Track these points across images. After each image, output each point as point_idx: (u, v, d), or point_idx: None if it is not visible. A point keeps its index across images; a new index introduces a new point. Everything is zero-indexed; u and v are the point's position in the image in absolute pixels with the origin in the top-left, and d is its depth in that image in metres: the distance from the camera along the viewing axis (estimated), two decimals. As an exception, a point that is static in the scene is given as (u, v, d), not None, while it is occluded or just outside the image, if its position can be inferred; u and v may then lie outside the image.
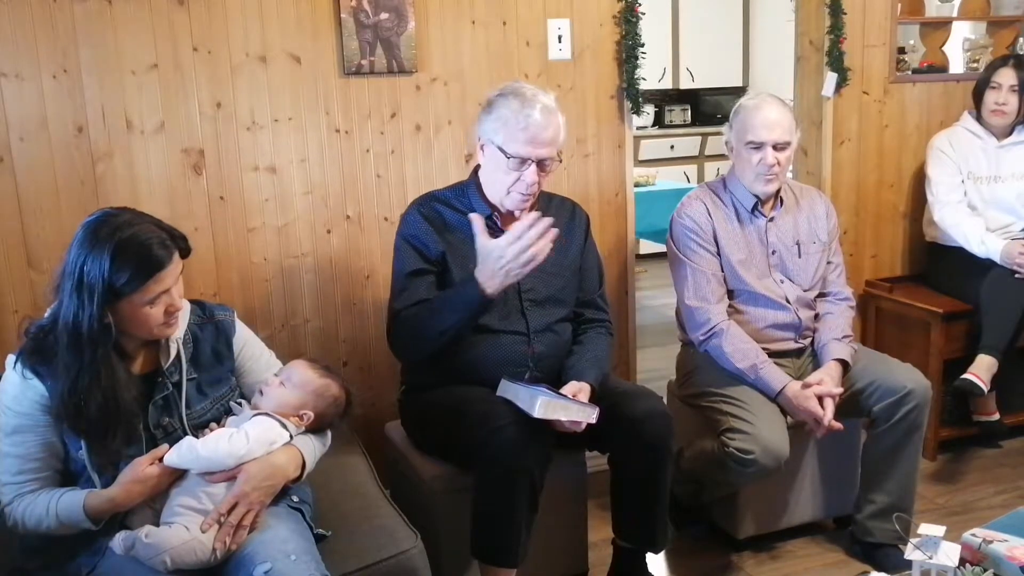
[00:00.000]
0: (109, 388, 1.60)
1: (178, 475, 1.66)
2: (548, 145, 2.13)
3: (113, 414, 1.61)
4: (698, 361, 2.54)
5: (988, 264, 3.01)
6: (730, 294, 2.52)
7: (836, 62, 3.15)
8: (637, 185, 3.89)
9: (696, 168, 6.89)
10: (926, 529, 1.71)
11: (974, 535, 1.73)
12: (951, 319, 3.05)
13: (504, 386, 2.10)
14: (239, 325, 1.91)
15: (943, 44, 3.55)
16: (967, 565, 1.67)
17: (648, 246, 5.96)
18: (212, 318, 1.87)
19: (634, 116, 2.93)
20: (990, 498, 2.91)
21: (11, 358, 1.66)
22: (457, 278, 2.18)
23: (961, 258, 3.11)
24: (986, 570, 1.65)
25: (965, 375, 2.84)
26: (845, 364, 2.46)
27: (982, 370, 2.84)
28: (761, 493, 2.53)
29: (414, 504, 2.14)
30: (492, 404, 2.04)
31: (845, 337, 2.51)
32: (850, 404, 2.44)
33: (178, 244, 1.67)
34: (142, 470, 1.61)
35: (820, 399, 2.34)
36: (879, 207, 3.40)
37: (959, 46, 3.61)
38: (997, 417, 3.15)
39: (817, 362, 2.51)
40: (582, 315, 2.36)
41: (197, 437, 1.69)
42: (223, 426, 1.76)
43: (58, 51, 2.31)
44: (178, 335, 1.76)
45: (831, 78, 3.17)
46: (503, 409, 2.00)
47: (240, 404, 1.85)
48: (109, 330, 1.59)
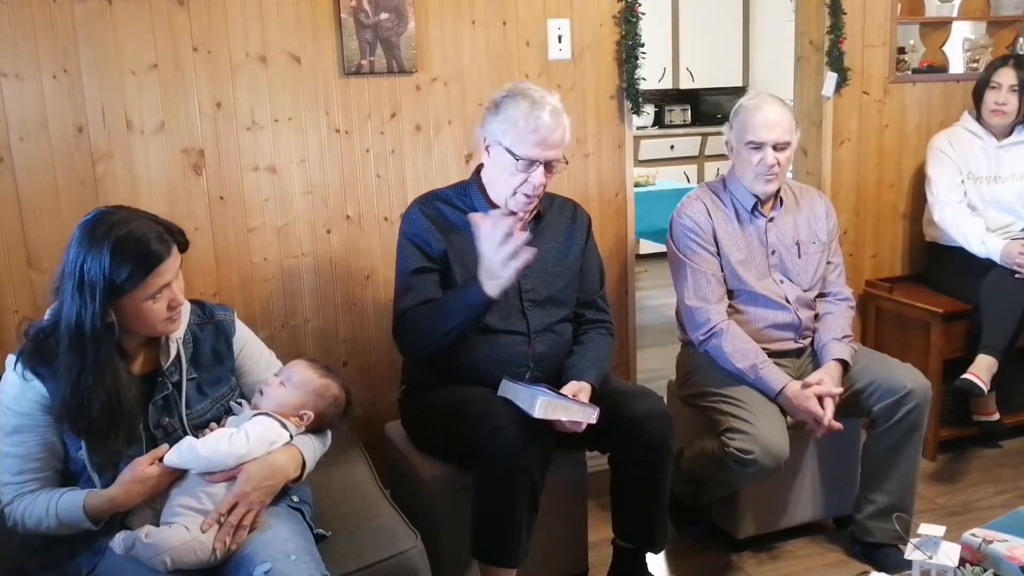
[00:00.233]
0: (112, 388, 1.60)
1: (178, 475, 1.66)
2: (556, 147, 2.13)
3: (116, 414, 1.61)
4: (698, 361, 2.54)
5: (988, 264, 3.01)
6: (730, 294, 2.52)
7: (836, 62, 3.15)
8: (637, 185, 3.89)
9: (696, 168, 6.89)
10: (926, 529, 1.72)
11: (974, 535, 1.73)
12: (951, 319, 3.05)
13: (504, 386, 2.11)
14: (239, 325, 1.91)
15: (943, 44, 3.55)
16: (967, 565, 1.67)
17: (648, 246, 5.97)
18: (212, 318, 1.87)
19: (634, 116, 2.94)
20: (990, 498, 2.91)
21: (11, 358, 1.66)
22: (459, 277, 2.18)
23: (961, 258, 3.11)
24: (986, 570, 1.65)
25: (965, 375, 2.84)
26: (845, 364, 2.46)
27: (982, 370, 2.84)
28: (761, 493, 2.53)
29: (414, 504, 2.14)
30: (492, 404, 2.04)
31: (845, 337, 2.51)
32: (850, 404, 2.44)
33: (176, 238, 1.67)
34: (142, 470, 1.62)
35: (820, 399, 2.34)
36: (879, 207, 3.40)
37: (959, 46, 3.62)
38: (997, 417, 3.15)
39: (817, 362, 2.51)
40: (583, 315, 2.36)
41: (197, 437, 1.69)
42: (223, 426, 1.76)
43: (58, 51, 2.31)
44: (178, 335, 1.77)
45: (831, 78, 3.17)
46: (503, 409, 2.01)
47: (240, 404, 1.85)
48: (112, 329, 1.59)
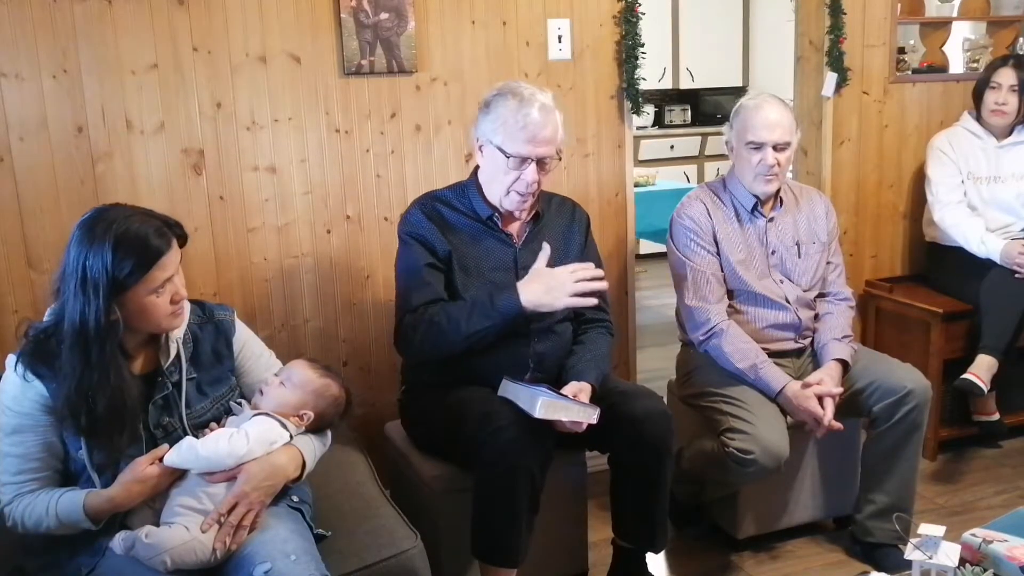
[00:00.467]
0: (117, 385, 1.60)
1: (178, 475, 1.66)
2: (547, 143, 2.13)
3: (121, 411, 1.61)
4: (698, 361, 2.54)
5: (988, 264, 3.01)
6: (730, 294, 2.52)
7: (836, 62, 3.15)
8: (637, 185, 3.89)
9: (696, 168, 6.90)
10: (926, 529, 1.72)
11: (974, 535, 1.73)
12: (951, 319, 3.05)
13: (505, 386, 2.10)
14: (239, 325, 1.91)
15: (943, 44, 3.55)
16: (967, 565, 1.67)
17: (648, 246, 5.97)
18: (212, 318, 1.86)
19: (634, 116, 2.93)
20: (990, 498, 2.92)
21: (11, 359, 1.66)
22: (459, 280, 2.17)
23: (961, 258, 3.11)
24: (986, 570, 1.65)
25: (965, 375, 2.84)
26: (845, 364, 2.46)
27: (982, 370, 2.84)
28: (761, 493, 2.53)
29: (414, 504, 2.14)
30: (493, 404, 2.04)
31: (845, 337, 2.51)
32: (850, 404, 2.44)
33: (174, 231, 1.67)
34: (142, 470, 1.62)
35: (820, 399, 2.34)
36: (879, 207, 3.40)
37: (959, 46, 3.61)
38: (997, 417, 3.15)
39: (817, 362, 2.51)
40: (582, 315, 2.35)
41: (197, 437, 1.69)
42: (223, 426, 1.76)
43: (58, 51, 2.31)
44: (178, 335, 1.77)
45: (831, 78, 3.16)
46: (504, 409, 2.00)
47: (240, 404, 1.85)
48: (116, 326, 1.59)
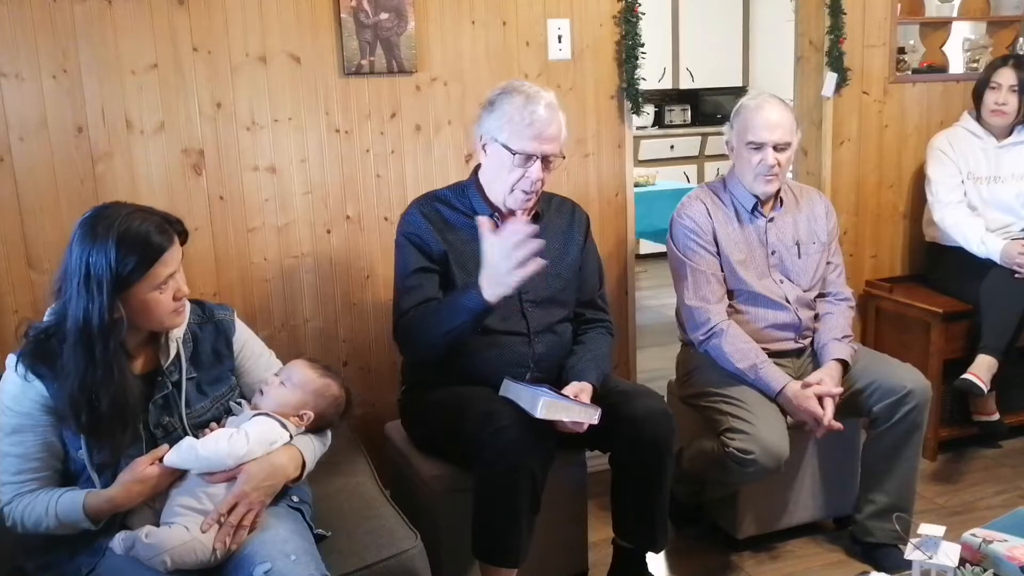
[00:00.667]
0: (120, 383, 1.60)
1: (178, 475, 1.66)
2: (553, 141, 2.13)
3: (124, 409, 1.61)
4: (698, 361, 2.54)
5: (988, 264, 3.01)
6: (730, 294, 2.52)
7: (836, 62, 3.15)
8: (637, 185, 3.89)
9: (696, 168, 6.90)
10: (926, 529, 1.71)
11: (974, 535, 1.73)
12: (951, 319, 3.05)
13: (506, 386, 2.10)
14: (239, 324, 1.91)
15: (943, 44, 3.54)
16: (967, 565, 1.67)
17: (648, 246, 5.97)
18: (212, 317, 1.86)
19: (634, 116, 2.93)
20: (990, 498, 2.91)
21: (11, 358, 1.66)
22: (458, 278, 2.17)
23: (961, 258, 3.11)
24: (986, 570, 1.65)
25: (965, 375, 2.84)
26: (845, 364, 2.46)
27: (982, 370, 2.84)
28: (761, 493, 2.53)
29: (414, 504, 2.14)
30: (494, 404, 2.04)
31: (845, 337, 2.51)
32: (850, 404, 2.44)
33: (175, 228, 1.68)
34: (142, 470, 1.62)
35: (820, 399, 2.34)
36: (879, 207, 3.40)
37: (959, 46, 3.61)
38: (997, 417, 3.15)
39: (817, 362, 2.51)
40: (582, 315, 2.36)
41: (197, 437, 1.69)
42: (223, 426, 1.76)
43: (58, 51, 2.31)
44: (178, 334, 1.77)
45: (831, 78, 3.16)
46: (505, 409, 2.00)
47: (240, 404, 1.85)
48: (120, 323, 1.59)
